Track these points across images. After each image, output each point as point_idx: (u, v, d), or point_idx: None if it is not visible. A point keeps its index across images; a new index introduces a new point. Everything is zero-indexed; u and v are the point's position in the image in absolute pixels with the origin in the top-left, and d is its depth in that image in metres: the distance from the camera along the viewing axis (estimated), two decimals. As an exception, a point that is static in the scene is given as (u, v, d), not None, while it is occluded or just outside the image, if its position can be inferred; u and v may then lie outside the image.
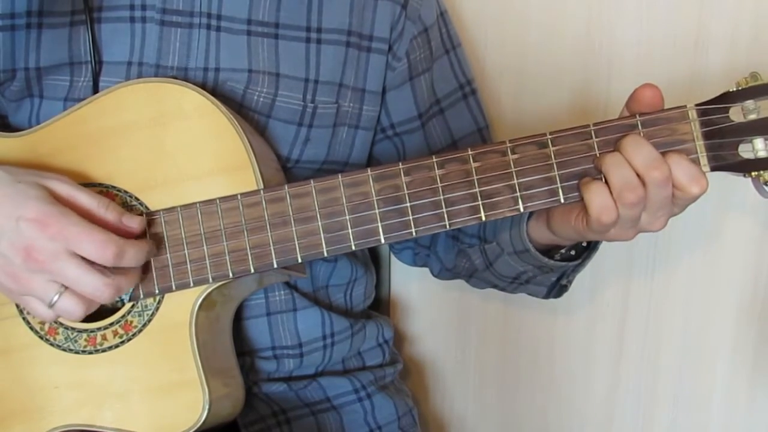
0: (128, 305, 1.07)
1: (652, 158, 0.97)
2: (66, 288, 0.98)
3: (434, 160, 1.02)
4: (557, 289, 1.25)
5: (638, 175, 0.97)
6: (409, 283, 1.56)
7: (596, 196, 0.99)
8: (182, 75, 1.13)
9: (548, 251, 1.17)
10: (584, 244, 1.17)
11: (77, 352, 1.08)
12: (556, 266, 1.17)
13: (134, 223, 1.03)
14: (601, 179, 0.99)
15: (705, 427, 1.35)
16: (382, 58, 1.22)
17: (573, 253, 1.17)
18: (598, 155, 1.00)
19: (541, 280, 1.23)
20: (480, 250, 1.26)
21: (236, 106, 1.14)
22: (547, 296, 1.27)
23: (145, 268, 1.05)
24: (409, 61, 1.24)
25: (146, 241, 1.04)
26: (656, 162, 0.97)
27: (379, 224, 1.03)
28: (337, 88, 1.20)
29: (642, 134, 1.00)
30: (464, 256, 1.29)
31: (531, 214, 1.14)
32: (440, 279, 1.42)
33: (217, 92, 1.11)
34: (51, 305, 0.98)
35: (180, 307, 1.06)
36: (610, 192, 0.98)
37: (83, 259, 0.97)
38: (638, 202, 0.97)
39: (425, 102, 1.28)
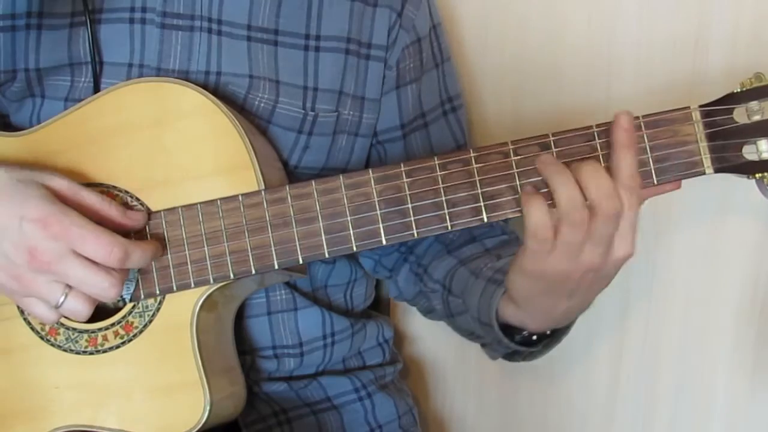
0: (129, 306, 1.07)
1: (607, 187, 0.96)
2: (71, 288, 0.98)
3: (436, 161, 1.02)
4: (510, 357, 1.22)
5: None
6: (409, 283, 1.55)
7: (535, 211, 0.97)
8: (183, 78, 1.12)
9: (512, 327, 1.14)
10: (548, 332, 1.15)
11: (78, 353, 1.08)
12: (514, 347, 1.15)
13: (137, 216, 1.03)
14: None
15: (705, 428, 1.35)
16: (380, 65, 1.22)
17: (534, 338, 1.15)
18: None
19: (496, 348, 1.20)
20: (442, 298, 1.25)
21: (237, 109, 1.13)
22: (497, 359, 1.25)
23: (146, 269, 1.05)
24: (397, 70, 1.24)
25: (151, 242, 1.04)
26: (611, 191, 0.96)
27: (381, 225, 1.03)
28: (337, 96, 1.20)
29: (645, 136, 1.00)
30: (425, 297, 1.29)
31: (504, 291, 1.11)
32: (396, 301, 1.41)
33: (218, 95, 1.11)
34: (57, 306, 0.98)
35: (181, 307, 1.06)
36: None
37: (87, 258, 0.97)
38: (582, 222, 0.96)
39: (409, 113, 1.27)
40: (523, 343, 1.15)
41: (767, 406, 1.31)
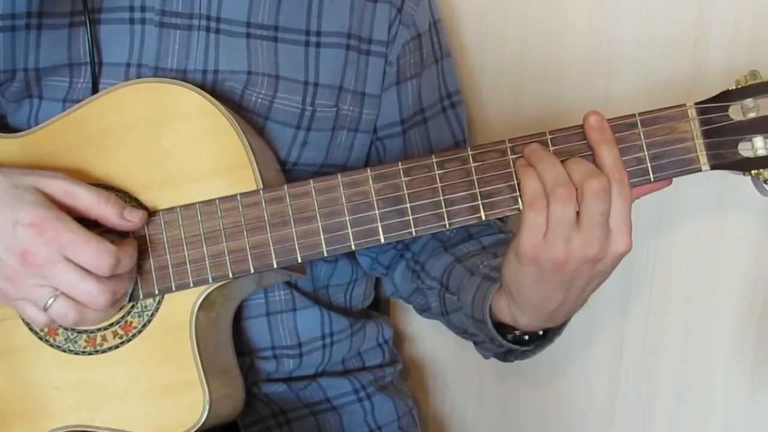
0: (128, 306, 1.07)
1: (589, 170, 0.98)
2: (61, 292, 0.98)
3: (434, 159, 1.02)
4: (503, 357, 1.22)
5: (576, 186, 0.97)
6: (409, 283, 1.55)
7: (530, 179, 0.99)
8: (181, 77, 1.13)
9: (504, 325, 1.14)
10: (540, 332, 1.15)
11: (77, 353, 1.08)
12: (506, 345, 1.15)
13: (135, 217, 1.02)
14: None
15: (705, 428, 1.35)
16: (380, 60, 1.22)
17: (527, 338, 1.15)
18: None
19: (489, 347, 1.20)
20: (439, 295, 1.24)
21: (234, 106, 1.14)
22: (489, 358, 1.25)
23: (145, 269, 1.05)
24: (398, 66, 1.24)
25: (132, 240, 1.04)
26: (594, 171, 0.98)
27: (379, 224, 1.03)
28: (337, 92, 1.20)
29: (642, 133, 1.00)
30: (421, 294, 1.29)
31: (499, 286, 1.11)
32: (393, 298, 1.41)
33: (215, 92, 1.11)
34: (45, 308, 0.98)
35: (180, 307, 1.06)
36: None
37: (79, 265, 0.97)
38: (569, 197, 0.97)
39: (409, 109, 1.27)
40: (515, 342, 1.15)
41: (767, 407, 1.30)
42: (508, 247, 1.04)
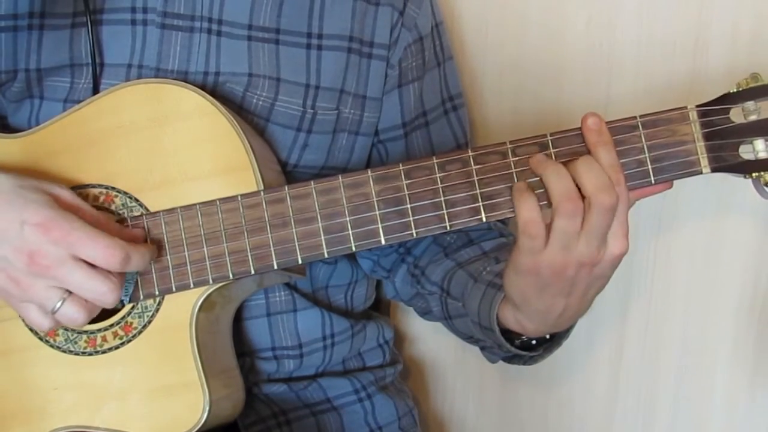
0: (128, 306, 1.07)
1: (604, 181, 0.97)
2: (69, 294, 0.98)
3: (435, 161, 1.02)
4: (509, 360, 1.23)
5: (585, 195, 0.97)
6: (409, 283, 1.55)
7: (524, 206, 0.98)
8: (182, 79, 1.13)
9: (511, 331, 1.14)
10: (547, 336, 1.15)
11: (77, 354, 1.08)
12: (514, 352, 1.16)
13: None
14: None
15: (705, 428, 1.35)
16: (382, 64, 1.22)
17: (534, 342, 1.16)
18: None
19: (496, 352, 1.21)
20: (441, 300, 1.25)
21: (235, 108, 1.14)
22: (497, 362, 1.25)
23: (146, 270, 1.05)
24: (400, 69, 1.24)
25: (149, 245, 1.04)
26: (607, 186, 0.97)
27: (380, 225, 1.03)
28: (338, 95, 1.20)
29: (643, 135, 1.00)
30: (422, 298, 1.29)
31: (504, 296, 1.11)
32: (394, 301, 1.41)
33: (216, 94, 1.11)
34: (53, 311, 0.98)
35: (180, 308, 1.06)
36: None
37: (87, 263, 0.97)
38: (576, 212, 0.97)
39: (411, 111, 1.27)
40: (523, 348, 1.15)
41: (767, 407, 1.31)
42: (508, 251, 1.05)
